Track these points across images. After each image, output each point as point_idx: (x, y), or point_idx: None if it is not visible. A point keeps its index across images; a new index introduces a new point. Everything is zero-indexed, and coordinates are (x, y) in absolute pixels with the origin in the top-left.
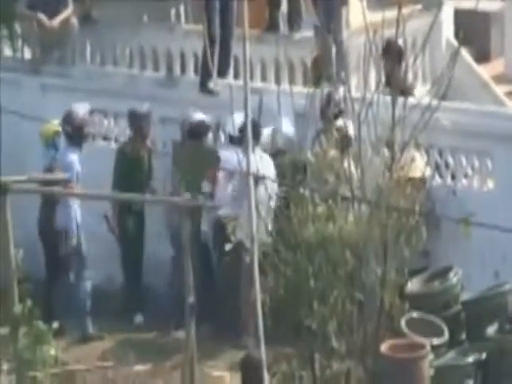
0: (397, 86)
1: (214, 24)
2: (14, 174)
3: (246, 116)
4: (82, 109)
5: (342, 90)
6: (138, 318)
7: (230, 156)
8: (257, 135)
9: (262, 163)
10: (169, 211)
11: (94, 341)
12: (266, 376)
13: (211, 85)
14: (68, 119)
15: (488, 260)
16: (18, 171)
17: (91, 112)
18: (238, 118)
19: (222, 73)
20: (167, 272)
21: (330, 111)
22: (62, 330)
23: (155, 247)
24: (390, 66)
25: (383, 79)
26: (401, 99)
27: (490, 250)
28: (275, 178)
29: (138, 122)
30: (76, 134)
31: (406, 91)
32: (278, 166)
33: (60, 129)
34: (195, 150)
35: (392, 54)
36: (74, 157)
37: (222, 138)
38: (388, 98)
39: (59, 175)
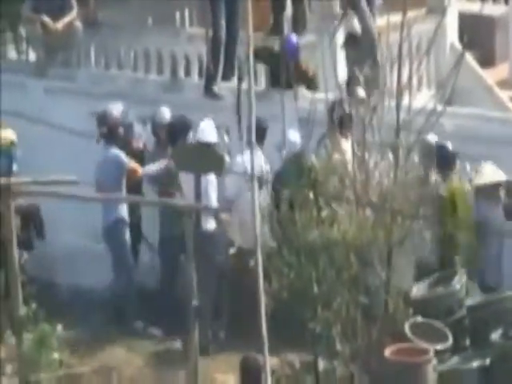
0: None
1: (221, 28)
2: None
3: (252, 119)
4: (115, 109)
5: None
6: (138, 324)
7: None
8: (262, 136)
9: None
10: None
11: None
12: (269, 378)
13: (216, 88)
14: (103, 120)
15: None
16: None
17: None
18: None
19: (227, 76)
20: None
21: (335, 115)
22: None
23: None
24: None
25: None
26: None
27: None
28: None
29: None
30: (111, 134)
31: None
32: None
33: (15, 139)
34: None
35: None
36: (117, 150)
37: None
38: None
39: (66, 177)
